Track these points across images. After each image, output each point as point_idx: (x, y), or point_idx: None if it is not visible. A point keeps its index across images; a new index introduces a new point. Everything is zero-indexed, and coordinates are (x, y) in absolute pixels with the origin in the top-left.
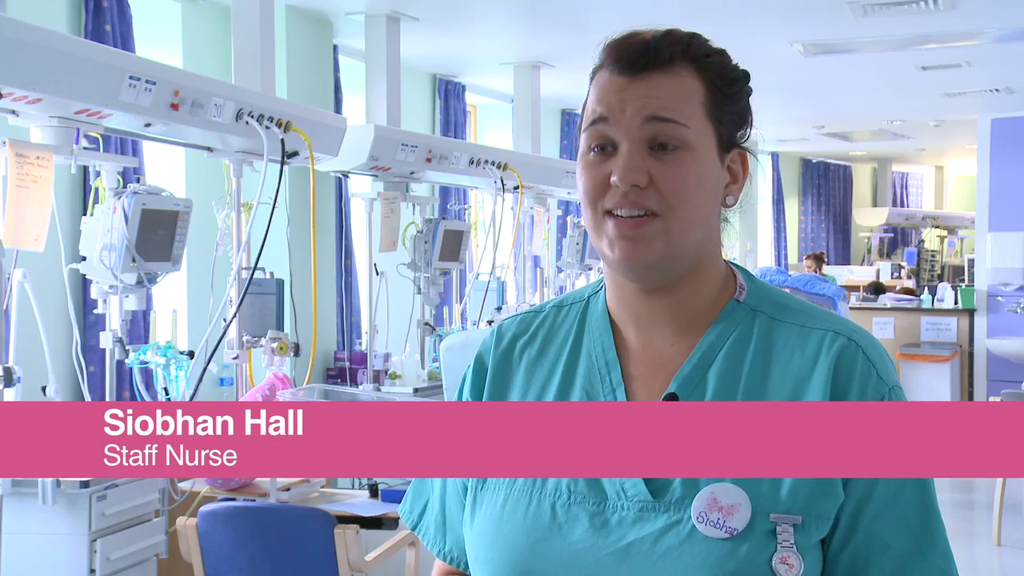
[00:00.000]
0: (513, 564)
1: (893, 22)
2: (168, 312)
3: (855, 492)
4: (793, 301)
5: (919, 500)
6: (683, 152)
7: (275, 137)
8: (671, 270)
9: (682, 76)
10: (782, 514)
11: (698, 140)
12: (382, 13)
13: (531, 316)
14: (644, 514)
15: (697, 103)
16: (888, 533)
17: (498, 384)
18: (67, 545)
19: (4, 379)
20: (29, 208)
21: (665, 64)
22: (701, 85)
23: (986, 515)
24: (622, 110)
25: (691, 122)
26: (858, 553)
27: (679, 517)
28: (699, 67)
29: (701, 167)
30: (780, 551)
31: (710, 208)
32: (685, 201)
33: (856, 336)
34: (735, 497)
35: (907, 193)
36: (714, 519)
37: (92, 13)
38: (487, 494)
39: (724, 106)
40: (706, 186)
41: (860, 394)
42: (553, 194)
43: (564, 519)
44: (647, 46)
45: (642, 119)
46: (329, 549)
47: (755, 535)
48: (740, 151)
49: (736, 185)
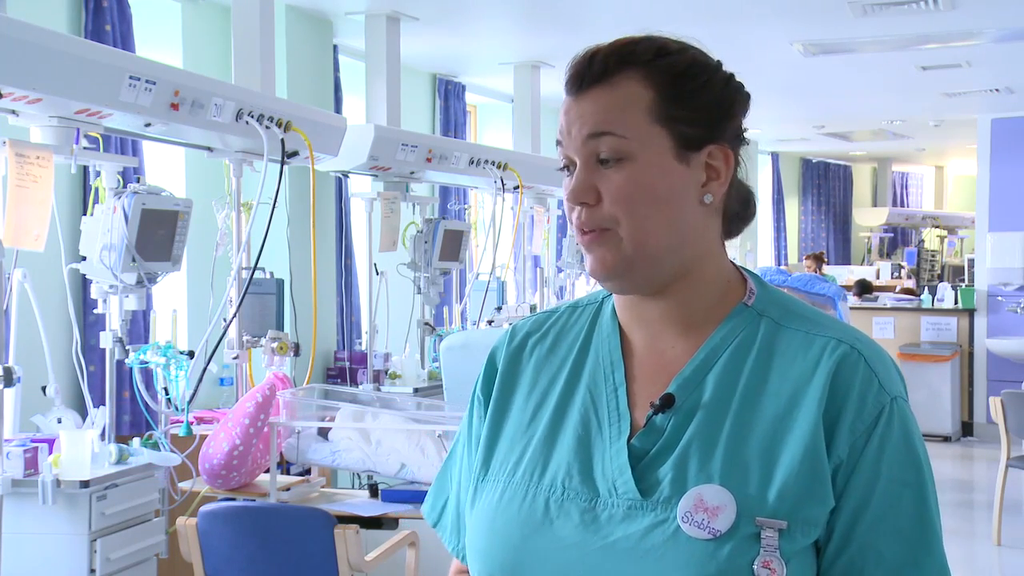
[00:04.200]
0: (505, 556)
1: (893, 22)
2: (168, 312)
3: (851, 500)
4: (802, 308)
5: (917, 510)
6: (625, 163)
7: (275, 137)
8: (648, 276)
9: (623, 86)
10: (767, 518)
11: (641, 148)
12: (382, 13)
13: (545, 316)
14: (632, 512)
15: (640, 110)
16: (883, 543)
17: (507, 380)
18: (67, 545)
19: (4, 379)
20: (29, 208)
21: (605, 77)
22: (647, 90)
23: (986, 515)
24: (569, 131)
25: (631, 131)
26: (852, 563)
27: (665, 516)
28: (646, 71)
29: (645, 174)
30: (763, 555)
31: (670, 212)
32: (632, 211)
33: (859, 344)
34: (721, 499)
35: (907, 193)
36: (699, 520)
37: (92, 13)
38: (487, 486)
39: (680, 105)
40: (656, 192)
41: (859, 403)
42: (553, 194)
43: (556, 514)
44: (589, 62)
45: (583, 137)
46: (329, 549)
47: (738, 537)
48: (719, 146)
49: (717, 182)
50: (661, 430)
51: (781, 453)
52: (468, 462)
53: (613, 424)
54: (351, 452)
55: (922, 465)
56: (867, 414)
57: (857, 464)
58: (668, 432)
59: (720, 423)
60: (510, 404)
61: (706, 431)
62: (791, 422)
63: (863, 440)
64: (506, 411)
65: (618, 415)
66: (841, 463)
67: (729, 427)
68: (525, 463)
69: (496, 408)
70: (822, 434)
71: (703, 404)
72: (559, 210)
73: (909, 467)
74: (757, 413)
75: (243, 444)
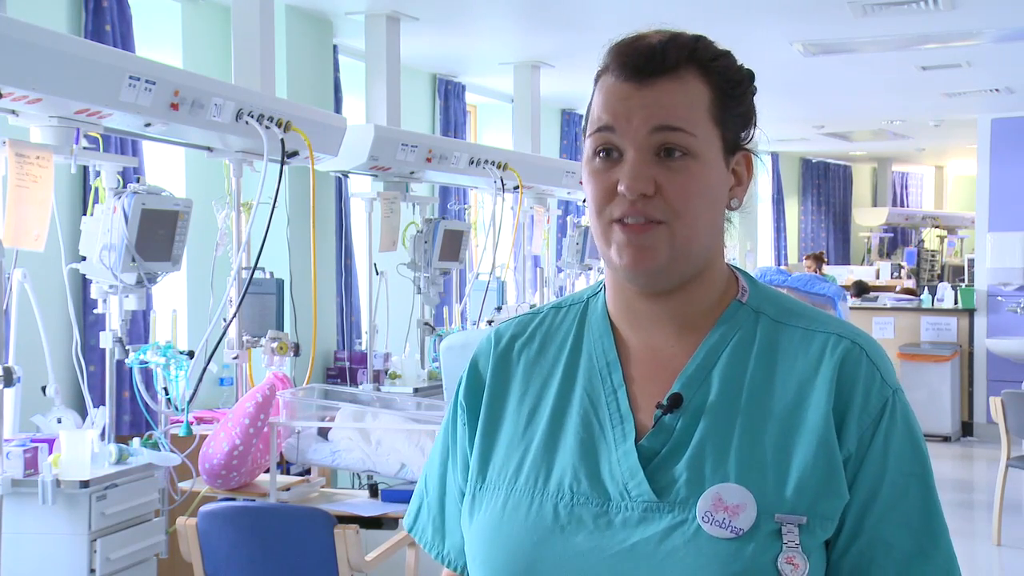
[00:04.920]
0: (514, 565)
1: (893, 22)
2: (168, 312)
3: (860, 493)
4: (795, 304)
5: (923, 501)
6: (689, 160)
7: (275, 137)
8: (678, 275)
9: (688, 82)
10: (787, 514)
11: (704, 147)
12: (382, 13)
13: (528, 318)
14: (648, 514)
15: (703, 109)
16: (892, 534)
17: (497, 385)
18: (67, 545)
19: (4, 379)
20: (29, 208)
21: (672, 70)
22: (707, 90)
23: (986, 515)
24: (628, 119)
25: (698, 129)
26: (862, 555)
27: (684, 517)
28: (705, 71)
29: (707, 174)
30: (785, 551)
31: (715, 213)
32: (691, 209)
33: (859, 339)
34: (740, 497)
35: (907, 193)
36: (720, 519)
37: (92, 13)
38: (487, 494)
39: (729, 109)
40: (711, 192)
41: (865, 395)
42: (553, 194)
43: (567, 520)
44: (653, 51)
45: (650, 128)
46: (329, 549)
47: (760, 535)
48: (744, 153)
49: (740, 187)
50: (671, 430)
51: (795, 449)
52: (452, 468)
53: (616, 426)
54: (351, 452)
55: (925, 456)
56: (872, 407)
57: (865, 457)
58: (677, 432)
59: (731, 421)
60: (503, 411)
61: (718, 429)
62: (801, 417)
63: (870, 433)
64: (499, 418)
65: (620, 416)
66: (850, 456)
67: (740, 425)
68: (527, 469)
69: (488, 416)
70: (833, 428)
71: (710, 403)
72: (559, 210)
73: (913, 458)
74: (766, 410)
75: (243, 444)
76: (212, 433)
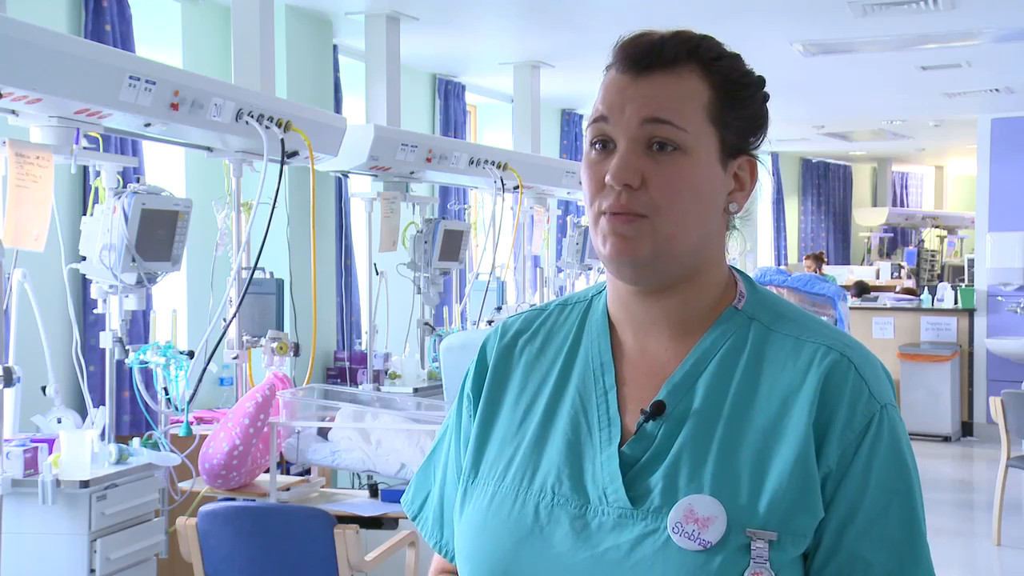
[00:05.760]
0: (496, 562)
1: (893, 22)
2: (168, 312)
3: (839, 509)
4: (792, 311)
5: (905, 518)
6: (680, 155)
7: (275, 137)
8: (664, 272)
9: (686, 78)
10: (758, 529)
11: (696, 144)
12: (382, 13)
13: (535, 314)
14: (623, 521)
15: (699, 106)
16: (871, 552)
17: (497, 379)
18: (67, 545)
19: (4, 379)
20: (29, 208)
21: (669, 64)
22: (707, 88)
23: (986, 515)
24: (622, 109)
25: (690, 125)
26: (840, 572)
27: (656, 526)
28: (707, 70)
29: (696, 172)
30: (753, 566)
31: (705, 213)
32: (675, 205)
33: (849, 351)
34: (711, 510)
35: (907, 193)
36: (689, 531)
37: (92, 13)
38: (477, 488)
39: (731, 111)
40: (700, 191)
41: (850, 410)
42: (553, 194)
43: (546, 521)
44: (653, 45)
45: (640, 119)
46: (329, 549)
47: (729, 549)
48: (749, 158)
49: (742, 192)
50: (652, 437)
51: (771, 463)
52: (456, 459)
53: (603, 429)
54: (351, 452)
55: (910, 473)
56: (857, 423)
57: (846, 473)
58: (659, 440)
59: (711, 431)
60: (500, 405)
61: (697, 439)
62: (781, 431)
63: (852, 448)
64: (496, 412)
65: (608, 420)
66: (830, 472)
67: (720, 435)
68: (515, 467)
69: (486, 408)
70: (812, 443)
71: (694, 411)
72: (559, 210)
73: (897, 475)
74: (748, 421)
75: (243, 444)
76: (212, 433)
